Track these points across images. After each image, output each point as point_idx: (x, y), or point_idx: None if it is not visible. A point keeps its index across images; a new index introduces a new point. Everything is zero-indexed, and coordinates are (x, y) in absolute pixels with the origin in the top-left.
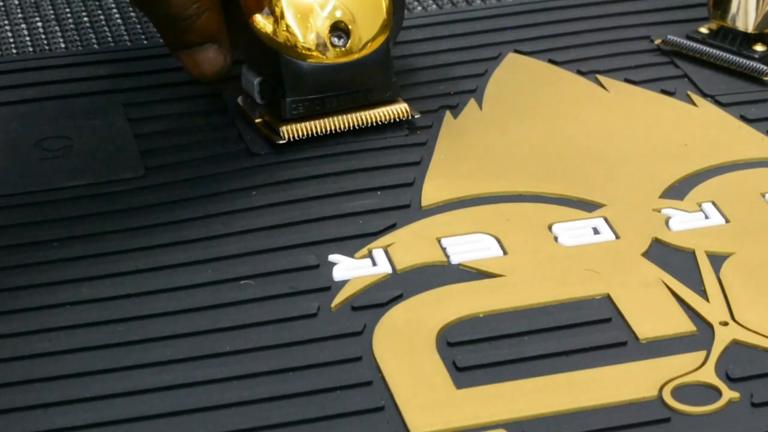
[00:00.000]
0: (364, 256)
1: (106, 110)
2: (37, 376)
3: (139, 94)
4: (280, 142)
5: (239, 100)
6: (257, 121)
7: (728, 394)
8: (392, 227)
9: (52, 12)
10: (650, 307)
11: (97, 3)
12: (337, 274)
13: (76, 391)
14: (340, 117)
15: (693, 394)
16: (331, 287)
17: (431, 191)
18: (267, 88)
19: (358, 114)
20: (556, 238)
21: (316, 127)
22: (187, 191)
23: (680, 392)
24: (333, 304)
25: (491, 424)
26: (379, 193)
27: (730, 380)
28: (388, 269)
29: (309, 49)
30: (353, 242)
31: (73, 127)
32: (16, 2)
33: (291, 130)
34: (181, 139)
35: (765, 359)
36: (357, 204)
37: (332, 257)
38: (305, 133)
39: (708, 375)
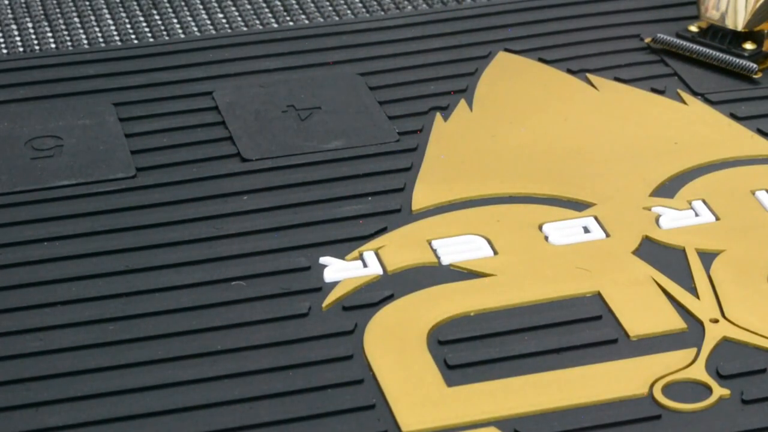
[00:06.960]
0: (355, 258)
1: (96, 110)
2: (28, 375)
3: (130, 94)
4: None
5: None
6: None
7: (719, 391)
8: (383, 231)
9: (42, 12)
10: (641, 304)
11: (87, 3)
12: (328, 275)
13: (67, 390)
14: None
15: (684, 392)
16: (322, 288)
17: (421, 196)
18: None
19: None
20: (546, 238)
21: None
22: (179, 192)
23: (671, 389)
24: (324, 304)
25: (482, 422)
26: (370, 198)
27: (721, 377)
28: (379, 270)
29: None
30: (344, 245)
31: (64, 127)
32: (6, 2)
33: None
34: (172, 139)
35: (755, 356)
36: (348, 209)
37: (323, 259)
38: None
39: (698, 372)
